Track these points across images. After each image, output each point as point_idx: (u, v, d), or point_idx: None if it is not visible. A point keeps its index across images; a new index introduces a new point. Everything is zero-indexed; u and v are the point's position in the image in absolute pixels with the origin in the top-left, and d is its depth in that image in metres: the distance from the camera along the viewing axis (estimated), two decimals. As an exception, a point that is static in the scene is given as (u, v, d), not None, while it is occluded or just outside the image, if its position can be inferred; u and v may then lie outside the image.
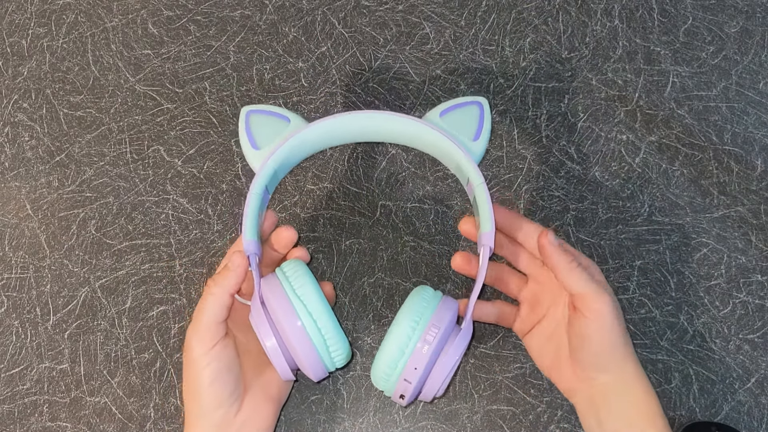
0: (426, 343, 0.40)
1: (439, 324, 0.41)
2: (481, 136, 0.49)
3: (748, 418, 0.49)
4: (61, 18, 0.58)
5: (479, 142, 0.49)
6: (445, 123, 0.49)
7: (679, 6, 0.57)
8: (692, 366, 0.50)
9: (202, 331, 0.42)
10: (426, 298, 0.43)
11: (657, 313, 0.50)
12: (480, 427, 0.49)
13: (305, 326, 0.41)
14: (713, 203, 0.52)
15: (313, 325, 0.41)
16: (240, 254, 0.43)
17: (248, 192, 0.45)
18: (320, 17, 0.57)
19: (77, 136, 0.55)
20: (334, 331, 0.42)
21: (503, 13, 0.57)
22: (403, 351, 0.41)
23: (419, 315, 0.41)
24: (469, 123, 0.49)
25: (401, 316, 0.42)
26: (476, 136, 0.49)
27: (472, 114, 0.49)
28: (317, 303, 0.42)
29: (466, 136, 0.49)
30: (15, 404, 0.50)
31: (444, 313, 0.42)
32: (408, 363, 0.41)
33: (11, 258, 0.53)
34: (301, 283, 0.42)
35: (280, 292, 0.42)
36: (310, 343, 0.41)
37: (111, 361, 0.51)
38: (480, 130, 0.49)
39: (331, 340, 0.42)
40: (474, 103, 0.50)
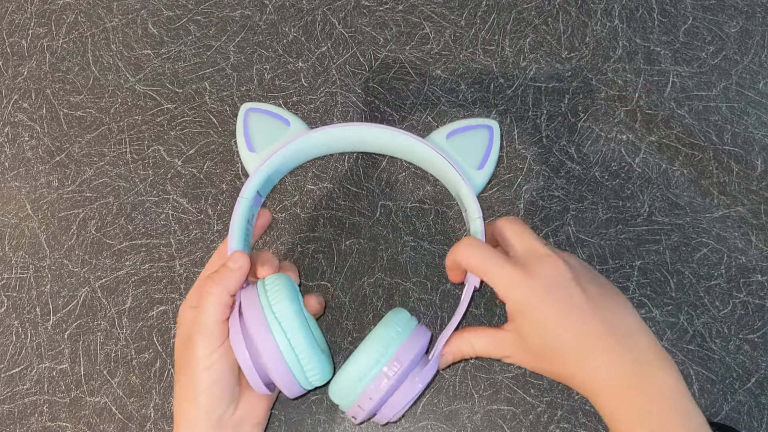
0: (385, 377, 0.40)
1: (403, 359, 0.40)
2: (486, 166, 0.47)
3: (748, 418, 0.49)
4: (61, 18, 0.58)
5: (483, 172, 0.47)
6: (451, 146, 0.47)
7: (679, 6, 0.57)
8: (692, 366, 0.50)
9: (207, 331, 0.41)
10: (398, 327, 0.41)
11: (657, 313, 0.50)
12: (480, 427, 0.49)
13: (278, 344, 0.39)
14: (713, 203, 0.52)
15: (286, 344, 0.39)
16: (242, 254, 0.42)
17: (238, 196, 0.45)
18: (320, 17, 0.57)
19: (77, 136, 0.55)
20: (309, 351, 0.40)
21: (503, 13, 0.57)
22: (361, 379, 0.40)
23: (386, 346, 0.40)
24: (476, 149, 0.47)
25: (369, 342, 0.41)
26: (481, 164, 0.47)
27: (481, 139, 0.47)
28: (293, 320, 0.40)
29: (470, 162, 0.46)
30: (15, 404, 0.50)
31: (412, 345, 0.41)
32: (364, 391, 0.40)
33: (11, 258, 0.53)
34: (279, 298, 0.41)
35: (256, 305, 0.40)
36: (282, 361, 0.40)
37: (111, 361, 0.51)
38: (486, 159, 0.47)
39: (305, 360, 0.40)
40: (484, 127, 0.47)
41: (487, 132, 0.47)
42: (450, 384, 0.50)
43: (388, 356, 0.40)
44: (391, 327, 0.41)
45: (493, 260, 0.41)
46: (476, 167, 0.47)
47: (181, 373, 0.42)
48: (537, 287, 0.39)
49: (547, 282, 0.39)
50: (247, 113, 0.48)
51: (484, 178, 0.47)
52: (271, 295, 0.41)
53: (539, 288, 0.39)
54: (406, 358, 0.40)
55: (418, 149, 0.47)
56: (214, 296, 0.41)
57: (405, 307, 0.51)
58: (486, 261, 0.41)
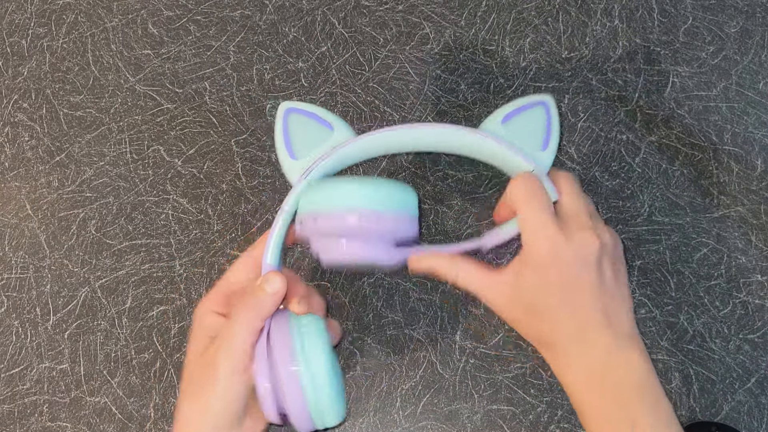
0: (356, 216, 0.39)
1: (387, 223, 0.39)
2: (550, 144, 0.44)
3: (748, 418, 0.49)
4: (61, 18, 0.58)
5: (548, 151, 0.44)
6: (508, 131, 0.44)
7: (679, 6, 0.57)
8: (692, 366, 0.50)
9: (234, 354, 0.39)
10: (409, 200, 0.41)
11: (657, 313, 0.50)
12: (480, 427, 0.49)
13: (302, 384, 0.38)
14: (713, 203, 0.52)
15: (310, 385, 0.38)
16: (279, 277, 0.40)
17: (280, 209, 0.42)
18: (320, 17, 0.57)
19: (77, 136, 0.55)
20: (331, 396, 0.39)
21: (503, 13, 0.57)
22: (341, 199, 0.39)
23: (388, 198, 0.40)
24: (536, 129, 0.44)
25: (380, 182, 0.40)
26: (545, 144, 0.44)
27: (538, 118, 0.44)
28: (321, 365, 0.38)
29: (533, 145, 0.43)
30: (15, 404, 0.50)
31: (405, 221, 0.41)
32: (330, 211, 0.39)
33: (11, 258, 0.53)
34: (312, 343, 0.39)
35: (287, 342, 0.39)
36: (303, 400, 0.38)
37: (111, 361, 0.51)
38: (548, 138, 0.44)
39: (325, 403, 0.39)
40: (539, 104, 0.44)
41: (543, 109, 0.44)
42: (450, 384, 0.50)
43: (380, 207, 0.39)
44: (404, 193, 0.40)
45: (539, 200, 0.40)
46: (539, 148, 0.44)
47: (195, 382, 0.40)
48: (564, 250, 0.39)
49: (574, 252, 0.39)
50: (287, 115, 0.44)
51: (550, 156, 0.44)
52: (305, 338, 0.39)
53: (566, 252, 0.39)
54: (390, 224, 0.39)
55: (474, 142, 0.44)
56: (246, 322, 0.39)
57: (405, 306, 0.51)
58: (534, 197, 0.40)
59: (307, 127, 0.44)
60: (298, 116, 0.44)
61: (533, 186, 0.41)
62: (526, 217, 0.40)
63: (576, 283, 0.39)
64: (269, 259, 0.41)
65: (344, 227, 0.39)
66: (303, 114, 0.44)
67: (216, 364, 0.38)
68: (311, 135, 0.44)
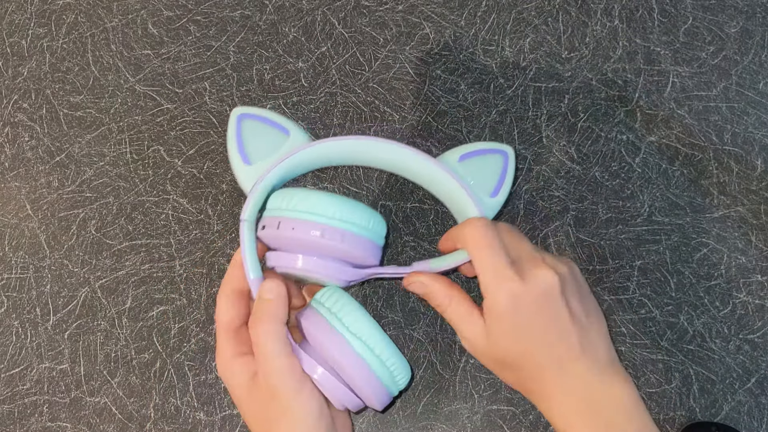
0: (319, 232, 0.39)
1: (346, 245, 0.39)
2: (500, 193, 0.44)
3: (748, 418, 0.49)
4: (61, 18, 0.58)
5: (496, 201, 0.44)
6: (463, 169, 0.43)
7: (679, 6, 0.57)
8: (692, 366, 0.50)
9: (286, 371, 0.37)
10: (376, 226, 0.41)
11: (657, 313, 0.50)
12: (480, 427, 0.49)
13: (362, 356, 0.37)
14: (713, 203, 0.52)
15: (370, 354, 0.38)
16: (273, 281, 0.39)
17: (240, 219, 0.41)
18: (320, 17, 0.57)
19: (77, 136, 0.55)
20: (391, 354, 0.38)
21: (503, 13, 0.57)
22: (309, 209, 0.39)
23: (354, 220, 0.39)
24: (490, 175, 0.44)
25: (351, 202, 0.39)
26: (495, 191, 0.44)
27: (495, 164, 0.44)
28: (368, 327, 0.38)
29: (483, 189, 0.43)
30: (15, 404, 0.50)
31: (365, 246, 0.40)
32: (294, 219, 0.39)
33: (11, 258, 0.53)
34: (347, 311, 0.39)
35: (324, 325, 0.38)
36: (370, 372, 0.38)
37: (111, 362, 0.51)
38: (500, 186, 0.44)
39: (391, 364, 0.39)
40: (499, 152, 0.44)
41: (502, 158, 0.44)
42: (450, 384, 0.50)
43: (344, 226, 0.38)
44: (372, 218, 0.40)
45: (495, 245, 0.39)
46: (489, 194, 0.44)
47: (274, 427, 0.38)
48: (524, 294, 0.39)
49: (534, 292, 0.39)
50: (240, 120, 0.43)
51: (496, 207, 0.44)
52: (335, 309, 0.39)
53: (526, 296, 0.39)
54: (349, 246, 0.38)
55: (428, 169, 0.44)
56: (272, 334, 0.38)
57: (405, 306, 0.51)
58: (489, 242, 0.39)
59: (261, 133, 0.43)
60: (253, 122, 0.43)
61: (488, 231, 0.40)
62: (482, 265, 0.39)
63: (542, 322, 0.39)
64: (252, 274, 0.40)
65: (306, 239, 0.39)
66: (257, 119, 0.43)
67: (277, 393, 0.37)
68: (266, 140, 0.43)
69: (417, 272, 0.43)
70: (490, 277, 0.39)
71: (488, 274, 0.39)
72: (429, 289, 0.42)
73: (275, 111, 0.45)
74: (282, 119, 0.44)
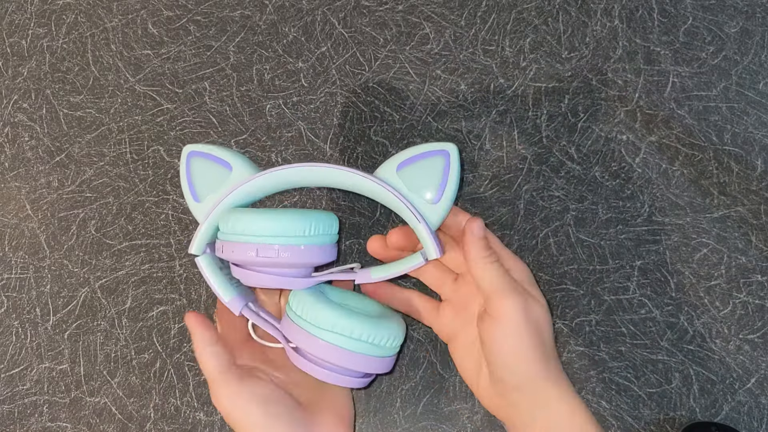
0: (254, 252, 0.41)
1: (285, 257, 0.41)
2: (442, 199, 0.42)
3: (748, 418, 0.49)
4: (61, 18, 0.58)
5: (439, 207, 0.42)
6: (402, 178, 0.42)
7: (679, 6, 0.57)
8: (692, 366, 0.49)
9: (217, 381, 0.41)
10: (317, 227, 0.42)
11: (657, 313, 0.50)
12: (480, 427, 0.49)
13: (341, 345, 0.40)
14: (713, 203, 0.52)
15: (348, 340, 0.40)
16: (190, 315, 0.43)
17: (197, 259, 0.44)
18: (320, 17, 0.57)
19: (77, 136, 0.55)
20: (371, 330, 0.41)
21: (503, 13, 0.57)
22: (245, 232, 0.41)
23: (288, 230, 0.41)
24: (431, 179, 0.42)
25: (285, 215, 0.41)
26: (437, 197, 0.42)
27: (436, 168, 0.42)
28: (336, 318, 0.40)
29: (426, 196, 0.42)
30: (15, 404, 0.50)
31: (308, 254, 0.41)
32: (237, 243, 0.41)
33: (11, 258, 0.53)
34: (310, 310, 0.41)
35: (297, 330, 0.42)
36: (356, 355, 0.41)
37: (111, 362, 0.51)
38: (442, 191, 0.42)
39: (372, 338, 0.41)
40: (438, 153, 0.42)
41: (443, 159, 0.42)
42: (450, 384, 0.50)
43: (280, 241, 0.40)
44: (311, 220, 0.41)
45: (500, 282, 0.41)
46: (432, 201, 0.42)
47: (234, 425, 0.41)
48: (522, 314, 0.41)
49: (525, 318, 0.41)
50: (189, 158, 0.45)
51: (440, 212, 0.42)
52: (300, 312, 0.42)
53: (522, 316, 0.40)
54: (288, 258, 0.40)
55: (368, 187, 0.43)
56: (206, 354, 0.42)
57: (405, 307, 0.51)
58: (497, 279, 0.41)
59: (207, 169, 0.44)
60: (199, 159, 0.45)
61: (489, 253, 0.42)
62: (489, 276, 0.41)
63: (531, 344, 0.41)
64: (226, 298, 0.44)
65: (245, 260, 0.41)
66: (202, 156, 0.44)
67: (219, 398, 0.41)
68: (211, 176, 0.44)
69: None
70: (498, 288, 0.41)
71: (494, 284, 0.41)
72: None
73: (222, 146, 0.46)
74: (226, 153, 0.45)
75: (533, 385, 0.40)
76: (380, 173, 0.44)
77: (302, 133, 0.54)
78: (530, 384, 0.40)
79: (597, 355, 0.50)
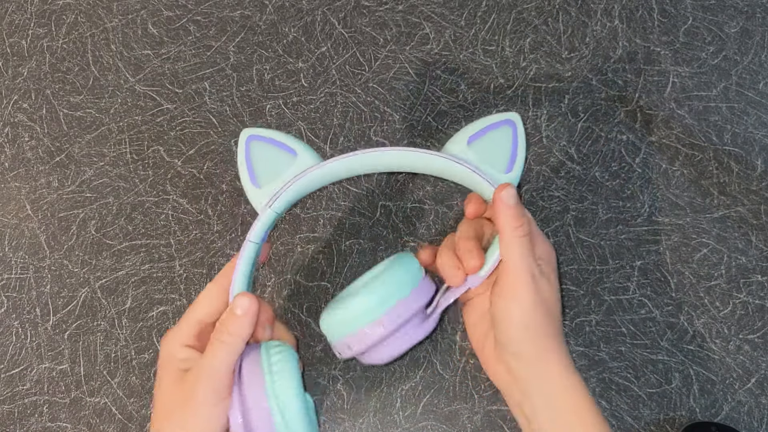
0: (382, 326, 0.39)
1: (403, 313, 0.40)
2: (515, 168, 0.43)
3: (748, 418, 0.49)
4: (61, 18, 0.58)
5: (511, 176, 0.43)
6: (473, 152, 0.43)
7: (679, 6, 0.57)
8: (692, 366, 0.50)
9: (218, 381, 0.38)
10: (406, 275, 0.41)
11: (657, 313, 0.50)
12: (480, 428, 0.49)
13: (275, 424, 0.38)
14: (713, 203, 0.52)
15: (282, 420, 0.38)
16: (248, 297, 0.39)
17: (246, 239, 0.41)
18: (320, 17, 0.57)
19: (77, 137, 0.55)
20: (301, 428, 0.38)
21: (503, 13, 0.57)
22: (357, 319, 0.39)
23: (391, 293, 0.40)
24: (502, 150, 0.43)
25: (375, 284, 0.40)
26: (509, 167, 0.43)
27: (504, 138, 0.43)
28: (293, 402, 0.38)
29: (498, 166, 0.42)
30: (15, 405, 0.50)
31: (416, 299, 0.40)
32: (357, 333, 0.40)
33: (11, 258, 0.53)
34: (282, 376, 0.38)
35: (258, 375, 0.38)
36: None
37: (111, 362, 0.51)
38: (513, 160, 0.43)
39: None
40: (505, 123, 0.43)
41: (510, 129, 0.43)
42: (450, 384, 0.50)
43: (390, 305, 0.39)
44: (398, 274, 0.40)
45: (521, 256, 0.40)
46: (504, 171, 0.43)
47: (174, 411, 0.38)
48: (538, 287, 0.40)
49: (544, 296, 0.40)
50: (249, 142, 0.43)
51: (513, 181, 0.43)
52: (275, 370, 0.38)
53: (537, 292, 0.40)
54: (407, 312, 0.40)
55: (436, 164, 0.44)
56: (228, 345, 0.38)
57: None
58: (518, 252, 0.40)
59: (270, 154, 0.43)
60: (261, 143, 0.43)
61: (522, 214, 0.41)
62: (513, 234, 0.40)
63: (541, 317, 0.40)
64: (236, 290, 0.40)
65: (377, 339, 0.40)
66: (265, 141, 0.43)
67: (196, 396, 0.37)
68: (275, 162, 0.43)
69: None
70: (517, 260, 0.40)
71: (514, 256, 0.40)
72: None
73: (282, 131, 0.45)
74: (289, 139, 0.44)
75: (536, 358, 0.40)
76: (450, 149, 0.44)
77: (302, 133, 0.54)
78: (534, 357, 0.40)
79: (597, 355, 0.50)
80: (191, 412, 0.38)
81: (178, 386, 0.39)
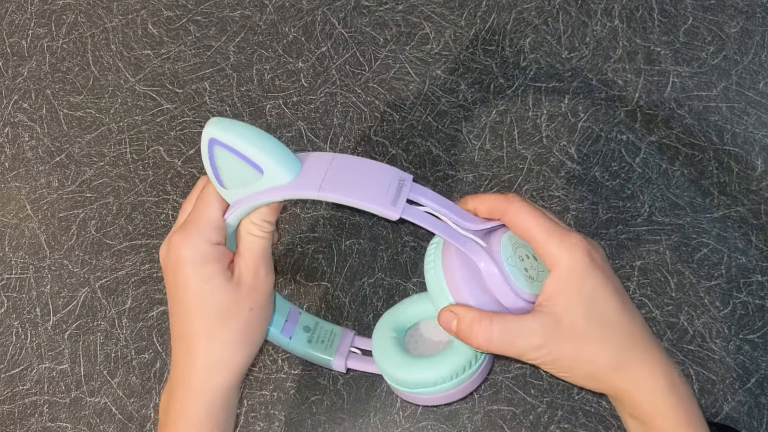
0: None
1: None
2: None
3: (748, 418, 0.49)
4: (61, 18, 0.58)
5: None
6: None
7: (679, 6, 0.57)
8: (692, 366, 0.50)
9: (204, 231, 0.36)
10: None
11: (657, 313, 0.50)
12: (480, 428, 0.49)
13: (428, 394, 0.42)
14: (713, 203, 0.52)
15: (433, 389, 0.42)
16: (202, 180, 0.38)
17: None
18: (320, 17, 0.57)
19: (77, 137, 0.55)
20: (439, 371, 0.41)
21: (503, 13, 0.57)
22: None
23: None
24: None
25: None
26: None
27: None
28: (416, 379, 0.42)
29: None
30: (15, 405, 0.50)
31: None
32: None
33: (11, 258, 0.53)
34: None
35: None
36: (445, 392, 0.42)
37: (111, 362, 0.51)
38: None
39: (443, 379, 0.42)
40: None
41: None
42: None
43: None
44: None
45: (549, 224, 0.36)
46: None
47: (179, 292, 0.38)
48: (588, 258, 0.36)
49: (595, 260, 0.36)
50: (213, 147, 0.36)
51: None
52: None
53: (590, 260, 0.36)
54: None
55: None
56: (262, 233, 0.38)
57: (405, 307, 0.51)
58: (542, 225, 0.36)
59: (233, 165, 0.36)
60: (224, 152, 0.36)
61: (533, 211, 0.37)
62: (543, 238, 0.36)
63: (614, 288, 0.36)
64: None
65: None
66: (229, 150, 0.36)
67: (182, 256, 0.37)
68: (239, 173, 0.37)
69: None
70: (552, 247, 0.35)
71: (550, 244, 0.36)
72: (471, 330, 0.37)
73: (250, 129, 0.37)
74: (257, 151, 0.36)
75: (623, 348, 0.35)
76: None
77: (302, 133, 0.54)
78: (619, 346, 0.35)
79: (597, 355, 0.50)
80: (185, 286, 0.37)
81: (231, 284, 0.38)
